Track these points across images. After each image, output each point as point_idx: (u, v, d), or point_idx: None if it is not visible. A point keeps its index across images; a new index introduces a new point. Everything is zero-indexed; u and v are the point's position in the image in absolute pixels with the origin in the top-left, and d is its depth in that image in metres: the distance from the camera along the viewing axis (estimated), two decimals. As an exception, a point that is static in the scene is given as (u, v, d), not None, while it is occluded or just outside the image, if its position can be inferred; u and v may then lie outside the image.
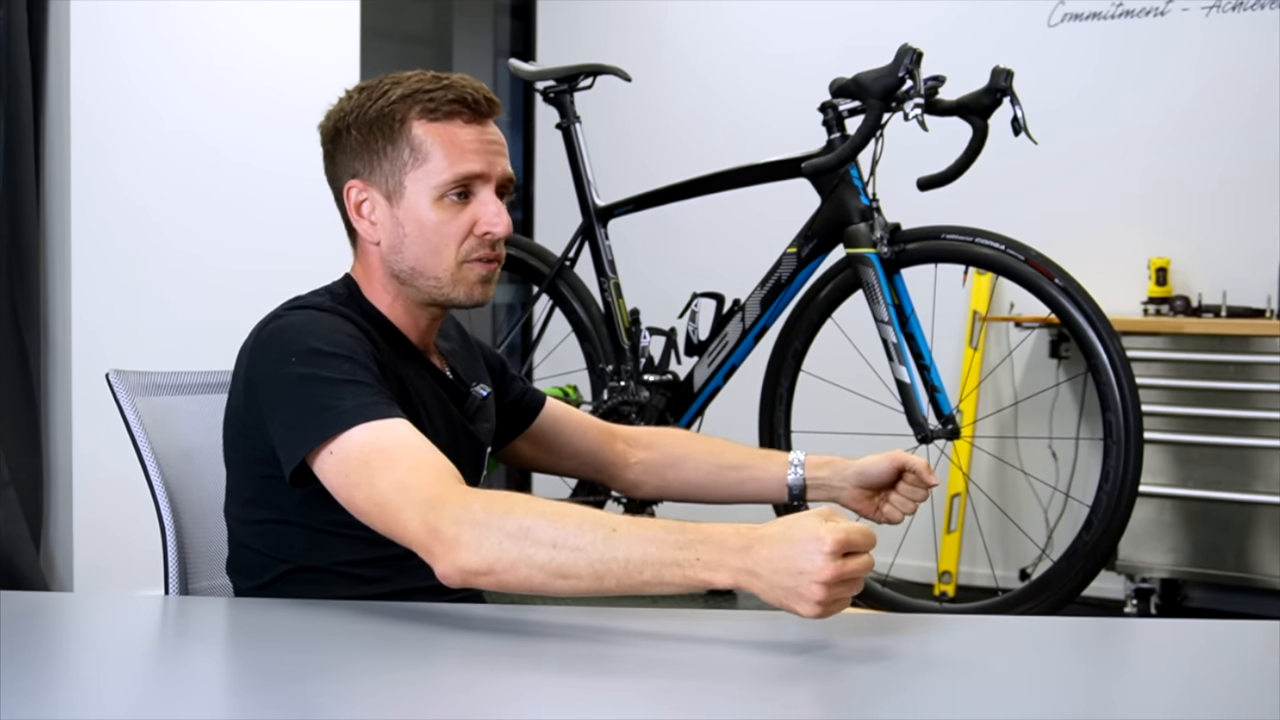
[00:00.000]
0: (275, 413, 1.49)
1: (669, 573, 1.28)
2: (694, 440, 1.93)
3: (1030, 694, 1.18)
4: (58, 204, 3.51)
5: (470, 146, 1.59)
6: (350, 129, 1.62)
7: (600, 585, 1.30)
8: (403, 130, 1.59)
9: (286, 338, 1.51)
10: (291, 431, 1.46)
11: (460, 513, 1.33)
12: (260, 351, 1.52)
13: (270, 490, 1.54)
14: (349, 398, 1.44)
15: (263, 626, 1.41)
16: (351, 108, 1.63)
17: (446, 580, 1.33)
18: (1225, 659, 1.31)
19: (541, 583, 1.30)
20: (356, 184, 1.62)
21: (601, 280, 3.39)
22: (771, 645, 1.33)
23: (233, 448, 1.60)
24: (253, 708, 1.13)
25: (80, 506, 3.50)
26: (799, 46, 4.67)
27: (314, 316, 1.54)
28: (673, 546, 1.28)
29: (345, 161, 1.63)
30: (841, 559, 1.23)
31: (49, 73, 3.52)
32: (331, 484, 1.44)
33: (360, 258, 1.67)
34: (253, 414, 1.52)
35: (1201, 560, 3.83)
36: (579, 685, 1.18)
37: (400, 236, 1.60)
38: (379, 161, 1.60)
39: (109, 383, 1.67)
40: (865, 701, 1.13)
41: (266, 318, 1.57)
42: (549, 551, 1.30)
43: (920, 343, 2.91)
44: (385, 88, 1.62)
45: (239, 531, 1.60)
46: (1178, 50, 4.12)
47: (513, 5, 5.44)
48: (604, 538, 1.29)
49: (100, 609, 1.68)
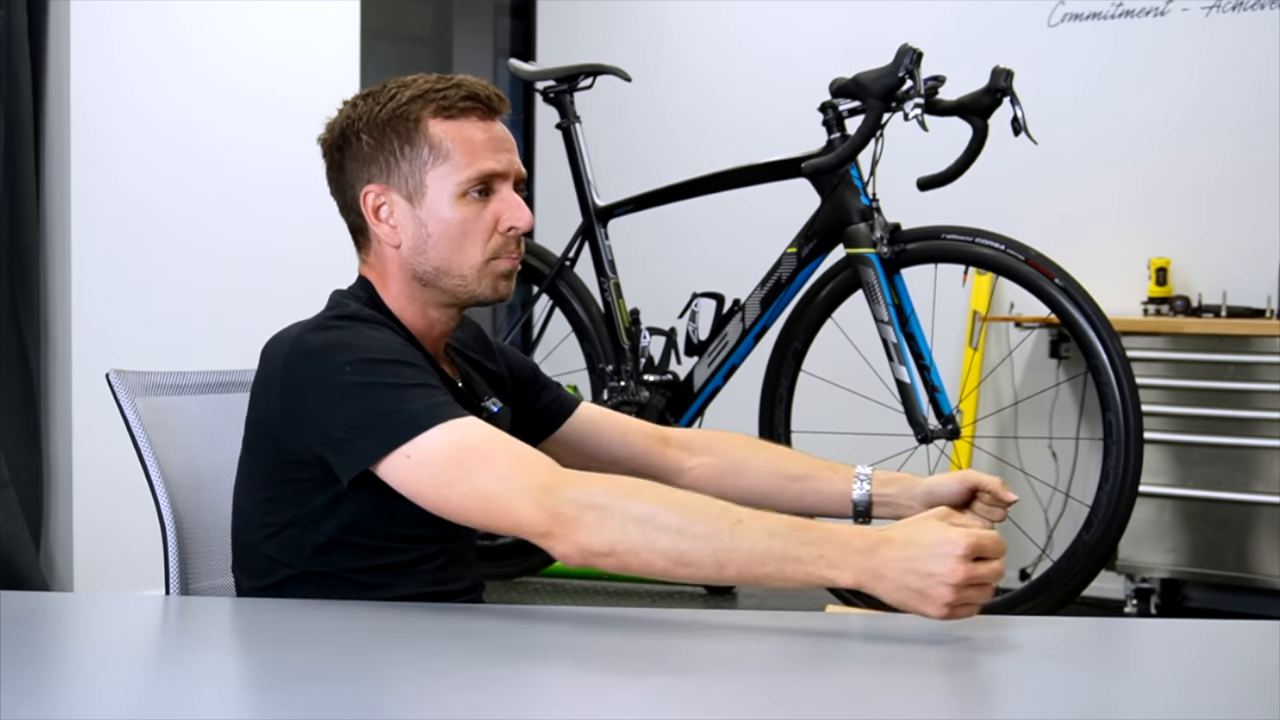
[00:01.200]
0: (329, 421, 1.47)
1: (791, 568, 1.30)
2: (755, 446, 1.89)
3: (1030, 694, 1.18)
4: (58, 204, 3.51)
5: (487, 144, 1.59)
6: (361, 134, 1.61)
7: (721, 574, 1.32)
8: (419, 129, 1.58)
9: (337, 348, 1.50)
10: (354, 438, 1.45)
11: (581, 495, 1.36)
12: (306, 362, 1.50)
13: (295, 494, 1.53)
14: (419, 400, 1.45)
15: (264, 627, 1.41)
16: (359, 114, 1.62)
17: (567, 560, 1.37)
18: (1225, 659, 1.31)
19: (663, 568, 1.33)
20: (374, 188, 1.61)
21: (601, 280, 3.39)
22: (771, 645, 1.34)
23: (258, 452, 1.58)
24: (253, 708, 1.13)
25: (80, 506, 3.50)
26: (799, 46, 4.67)
27: (361, 330, 1.53)
28: (797, 543, 1.30)
29: (357, 168, 1.62)
30: (973, 563, 1.26)
31: (49, 73, 3.52)
32: (410, 486, 1.44)
33: (373, 263, 1.65)
34: (292, 422, 1.51)
35: (1201, 560, 3.83)
36: (580, 685, 1.18)
37: (424, 237, 1.59)
38: (396, 163, 1.59)
39: (109, 383, 1.66)
40: (865, 701, 1.13)
41: (302, 327, 1.55)
42: (672, 538, 1.33)
43: (920, 343, 2.91)
44: (392, 91, 1.61)
45: (250, 532, 1.59)
46: (1178, 50, 4.12)
47: (513, 5, 5.44)
48: (729, 528, 1.32)
49: (100, 609, 1.68)
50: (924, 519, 1.31)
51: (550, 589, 4.06)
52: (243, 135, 3.80)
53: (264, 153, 3.84)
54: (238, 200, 3.79)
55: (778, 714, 1.12)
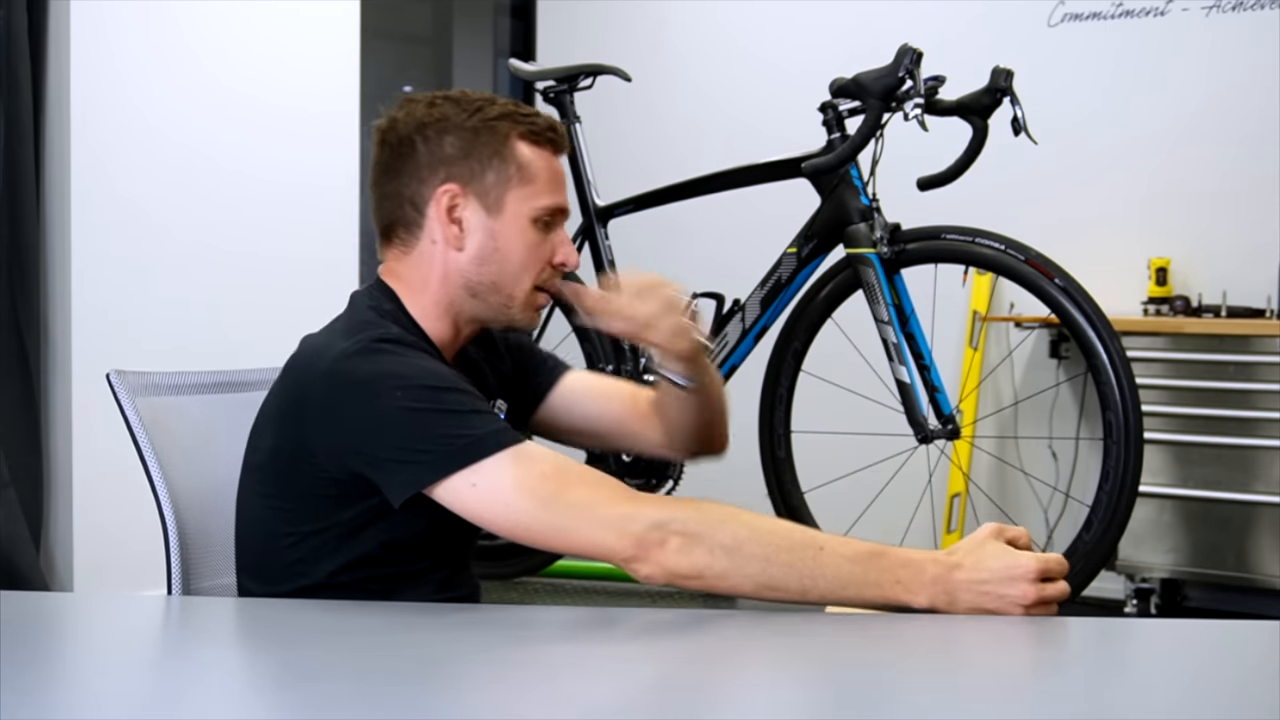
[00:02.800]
0: (378, 445, 1.47)
1: (869, 592, 1.38)
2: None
3: (1030, 694, 1.18)
4: (58, 204, 3.51)
5: (559, 181, 1.64)
6: (446, 135, 1.60)
7: (804, 598, 1.40)
8: (508, 147, 1.60)
9: (388, 376, 1.48)
10: (409, 462, 1.45)
11: (667, 519, 1.40)
12: (354, 389, 1.49)
13: (323, 507, 1.53)
14: (480, 426, 1.46)
15: (263, 627, 1.41)
16: (442, 114, 1.61)
17: (651, 580, 1.41)
18: (1225, 659, 1.31)
19: (749, 591, 1.40)
20: (454, 188, 1.60)
21: (601, 280, 3.39)
22: (771, 645, 1.34)
23: (280, 463, 1.56)
24: (254, 708, 1.13)
25: (80, 506, 3.50)
26: (799, 46, 4.66)
27: (409, 357, 1.52)
28: (876, 569, 1.38)
29: (436, 165, 1.60)
30: (1041, 584, 1.36)
31: (49, 73, 3.52)
32: (477, 512, 1.45)
33: (414, 264, 1.63)
34: (332, 443, 1.50)
35: (1201, 560, 3.83)
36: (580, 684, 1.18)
37: (491, 249, 1.60)
38: (482, 171, 1.59)
39: (110, 383, 1.66)
40: (865, 701, 1.13)
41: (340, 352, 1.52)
42: (760, 565, 1.39)
43: (920, 343, 2.91)
44: (477, 103, 1.62)
45: (265, 539, 1.58)
46: (1178, 50, 4.12)
47: (513, 5, 5.44)
48: (813, 556, 1.39)
49: (100, 609, 1.68)
50: (985, 541, 1.39)
51: (550, 589, 4.06)
52: (243, 135, 3.80)
53: (264, 152, 3.84)
54: (237, 199, 3.79)
55: (778, 714, 1.12)
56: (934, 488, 3.98)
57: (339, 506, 1.51)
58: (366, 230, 4.08)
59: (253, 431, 1.62)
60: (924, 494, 3.77)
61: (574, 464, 1.47)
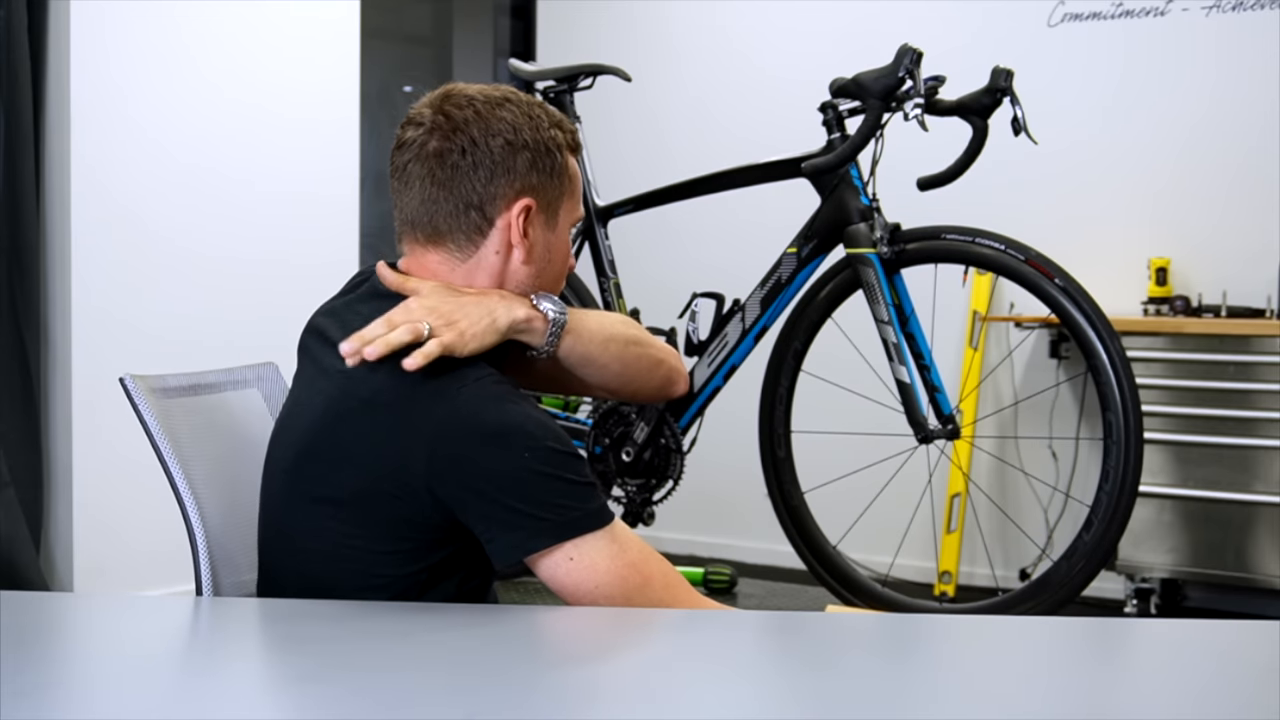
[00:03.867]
0: (498, 502, 1.44)
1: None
2: None
3: (1030, 694, 1.18)
4: (58, 204, 3.51)
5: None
6: (525, 147, 1.57)
7: None
8: (562, 160, 1.61)
9: (514, 430, 1.45)
10: (522, 525, 1.45)
11: None
12: (482, 441, 1.44)
13: (417, 548, 1.50)
14: (590, 500, 1.47)
15: (266, 626, 1.41)
16: (520, 124, 1.57)
17: None
18: (1225, 659, 1.31)
19: None
20: (531, 202, 1.58)
21: (601, 280, 3.39)
22: (771, 645, 1.33)
23: (384, 506, 1.48)
24: (255, 707, 1.13)
25: (80, 506, 3.50)
26: (799, 46, 4.67)
27: (530, 411, 1.48)
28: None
29: (513, 177, 1.56)
30: None
31: (49, 73, 3.52)
32: (567, 588, 1.47)
33: (467, 271, 1.58)
34: (441, 492, 1.45)
35: (1201, 560, 3.83)
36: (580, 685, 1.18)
37: (547, 261, 1.62)
38: (549, 185, 1.59)
39: (125, 387, 1.64)
40: (865, 701, 1.13)
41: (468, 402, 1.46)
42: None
43: (920, 343, 2.91)
44: (538, 113, 1.60)
45: (351, 575, 1.51)
46: (1178, 50, 4.12)
47: (513, 5, 5.44)
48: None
49: (100, 609, 1.68)
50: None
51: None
52: (243, 135, 3.80)
53: (264, 152, 3.84)
54: (237, 199, 3.79)
55: (778, 714, 1.12)
56: (934, 488, 3.98)
57: (434, 549, 1.49)
58: (367, 230, 4.08)
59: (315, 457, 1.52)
60: (924, 494, 3.77)
61: (654, 554, 1.50)
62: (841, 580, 3.08)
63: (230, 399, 1.78)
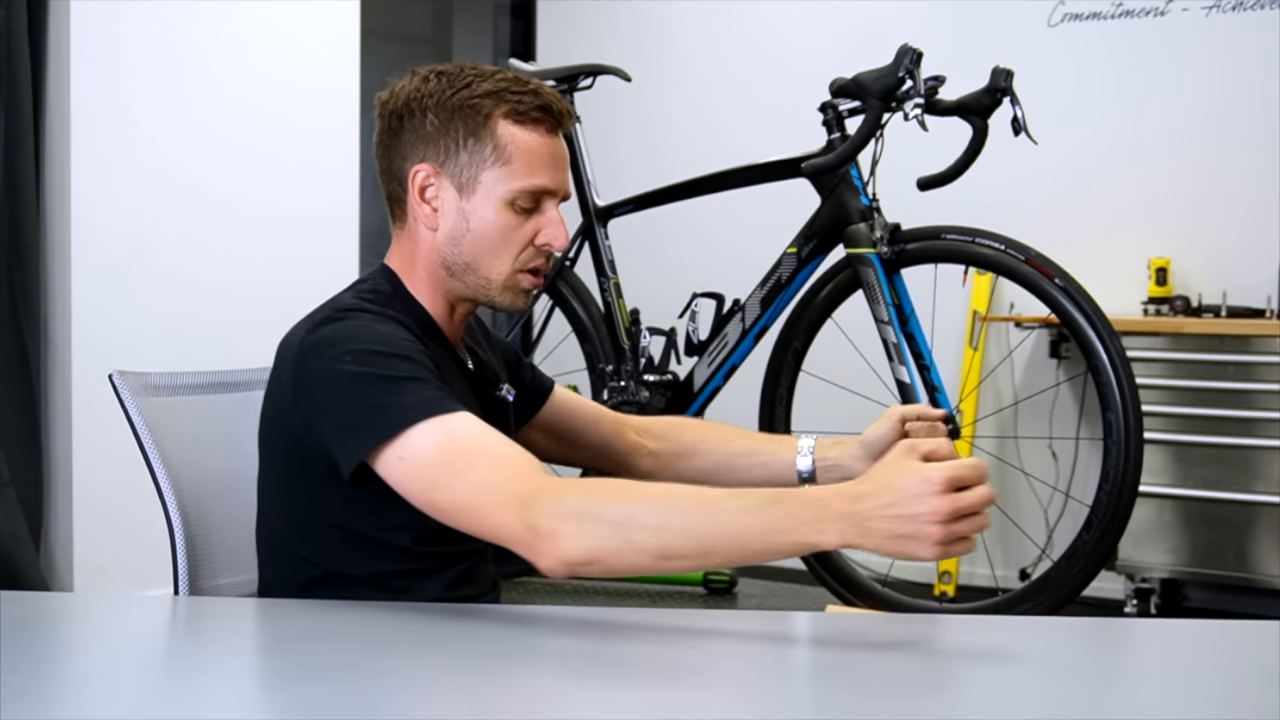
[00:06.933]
0: (330, 414, 1.46)
1: (774, 540, 1.27)
2: (704, 428, 1.91)
3: (1030, 694, 1.18)
4: (58, 204, 3.51)
5: (548, 159, 1.58)
6: (428, 112, 1.58)
7: (708, 560, 1.30)
8: (488, 126, 1.56)
9: (341, 340, 1.48)
10: (350, 432, 1.43)
11: (556, 505, 1.32)
12: (312, 355, 1.49)
13: (313, 491, 1.52)
14: (411, 394, 1.42)
15: (265, 627, 1.41)
16: (430, 91, 1.58)
17: (551, 573, 1.33)
18: (1225, 659, 1.31)
19: (649, 565, 1.31)
20: (426, 168, 1.58)
21: (601, 280, 3.39)
22: (772, 645, 1.34)
23: (274, 449, 1.57)
24: (254, 708, 1.13)
25: (80, 506, 3.50)
26: (799, 46, 4.67)
27: (366, 323, 1.51)
28: (777, 515, 1.27)
29: (415, 143, 1.59)
30: (954, 494, 1.23)
31: (49, 73, 3.52)
32: (402, 486, 1.41)
33: (404, 241, 1.63)
34: (303, 417, 1.49)
35: (1201, 560, 3.83)
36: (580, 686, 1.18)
37: (463, 230, 1.58)
38: (456, 151, 1.57)
39: (113, 384, 1.66)
40: (865, 701, 1.13)
41: (313, 321, 1.53)
42: (654, 536, 1.30)
43: (920, 343, 2.91)
44: (468, 78, 1.58)
45: (275, 530, 1.59)
46: (1178, 50, 4.12)
47: (513, 5, 5.44)
48: (706, 514, 1.29)
49: (101, 609, 1.68)
50: (894, 461, 1.26)
51: (550, 589, 4.06)
52: (243, 135, 3.80)
53: (264, 152, 3.84)
54: (238, 199, 3.79)
55: (778, 714, 1.12)
56: (934, 488, 3.97)
57: (329, 488, 1.48)
58: (367, 230, 4.08)
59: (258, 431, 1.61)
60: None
61: (493, 441, 1.40)
62: (841, 580, 3.08)
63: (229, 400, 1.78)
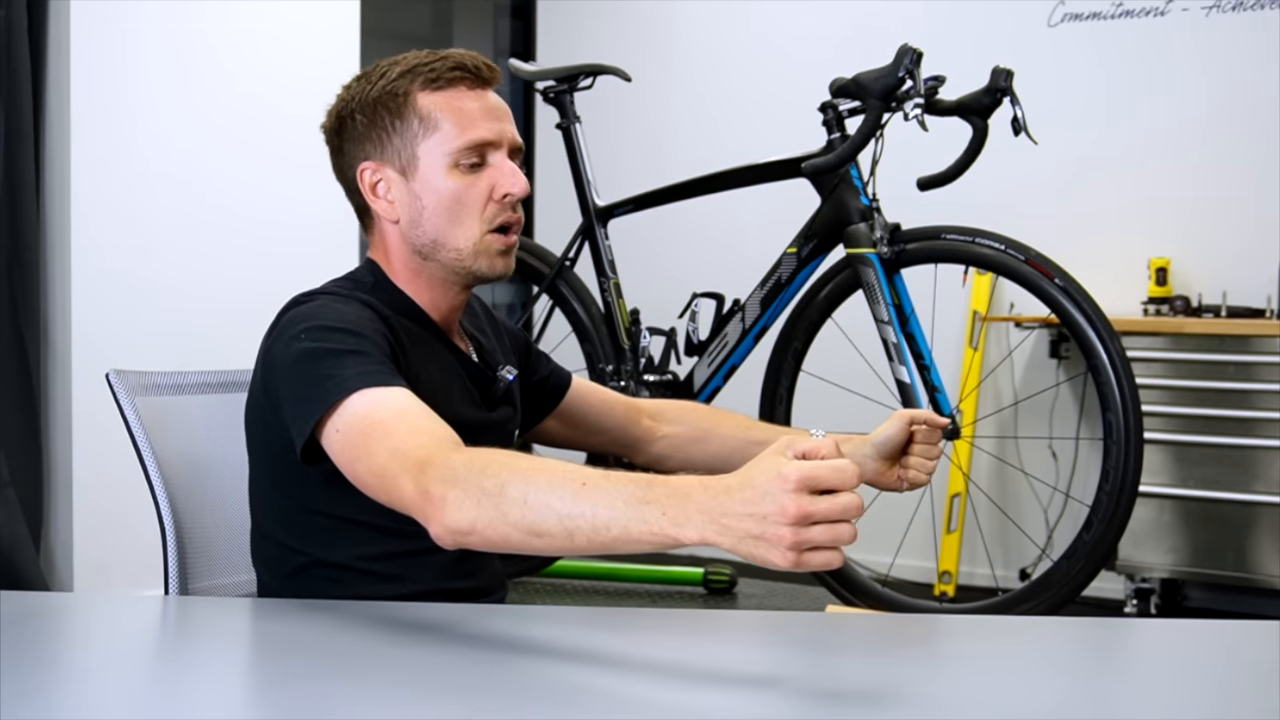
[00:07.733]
0: (285, 392, 1.47)
1: (636, 529, 1.18)
2: (718, 415, 1.92)
3: (1030, 694, 1.18)
4: (58, 204, 3.51)
5: (478, 113, 1.59)
6: (354, 115, 1.62)
7: (572, 543, 1.22)
8: (408, 104, 1.59)
9: (300, 319, 1.50)
10: (299, 407, 1.44)
11: (446, 472, 1.28)
12: (276, 338, 1.52)
13: (289, 476, 1.53)
14: (350, 367, 1.42)
15: (264, 627, 1.41)
16: (352, 95, 1.64)
17: (440, 541, 1.29)
18: (1225, 659, 1.31)
19: (519, 541, 1.25)
20: (369, 165, 1.61)
21: (601, 280, 3.39)
22: (772, 645, 1.33)
23: (253, 436, 1.59)
24: (256, 708, 1.13)
25: (80, 506, 3.50)
26: (799, 46, 4.67)
27: (326, 302, 1.54)
28: (639, 502, 1.18)
29: (353, 148, 1.63)
30: (810, 496, 1.10)
31: (49, 73, 3.52)
32: (338, 458, 1.41)
33: (378, 242, 1.65)
34: (270, 399, 1.51)
35: (1201, 560, 3.83)
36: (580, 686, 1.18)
37: (419, 210, 1.59)
38: (388, 139, 1.60)
39: (109, 383, 1.66)
40: (865, 701, 1.13)
41: (285, 306, 1.57)
42: (521, 509, 1.23)
43: (920, 343, 2.91)
44: (383, 69, 1.62)
45: (262, 521, 1.60)
46: (1178, 50, 4.12)
47: (513, 5, 5.44)
48: (573, 493, 1.21)
49: (101, 609, 1.68)
50: (762, 455, 1.14)
51: (550, 589, 4.06)
52: (241, 134, 3.80)
53: (263, 151, 3.84)
54: (236, 200, 3.79)
55: (778, 714, 1.12)
56: (934, 488, 3.98)
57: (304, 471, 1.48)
58: (366, 231, 4.08)
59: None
60: (924, 494, 3.77)
61: (415, 413, 1.38)
62: (841, 580, 3.08)
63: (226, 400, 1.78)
